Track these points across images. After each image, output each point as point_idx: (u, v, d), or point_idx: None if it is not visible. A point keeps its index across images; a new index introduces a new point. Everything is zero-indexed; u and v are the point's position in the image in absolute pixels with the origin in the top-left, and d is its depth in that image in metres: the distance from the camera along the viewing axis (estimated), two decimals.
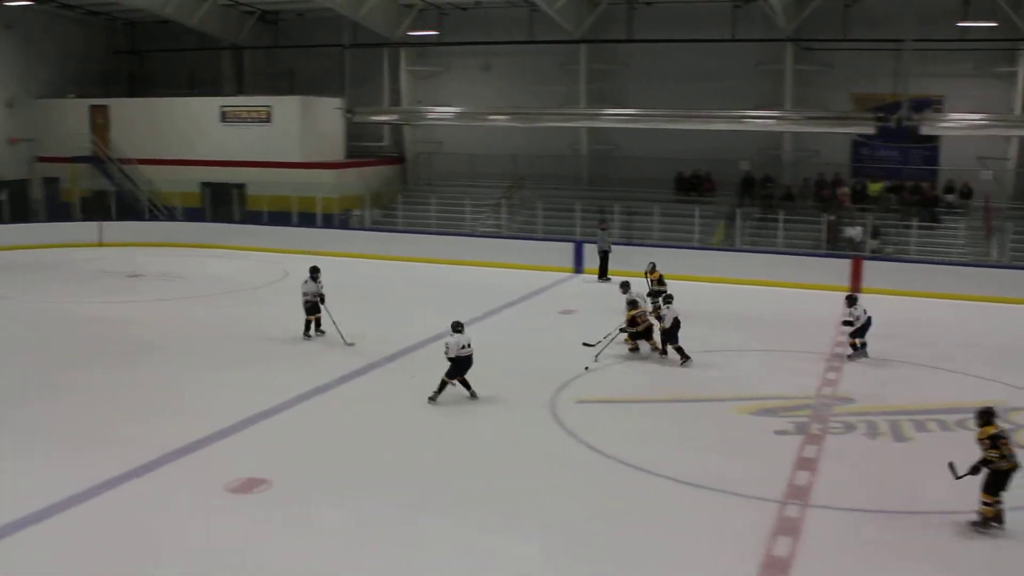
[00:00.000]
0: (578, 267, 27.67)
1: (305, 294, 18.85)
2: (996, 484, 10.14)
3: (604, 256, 26.71)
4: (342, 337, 18.28)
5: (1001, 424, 10.56)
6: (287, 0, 35.44)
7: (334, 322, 18.46)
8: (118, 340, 18.75)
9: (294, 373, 16.51)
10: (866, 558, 9.77)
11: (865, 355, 17.64)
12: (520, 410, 14.59)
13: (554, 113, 32.84)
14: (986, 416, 10.36)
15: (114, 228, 32.95)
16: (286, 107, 34.23)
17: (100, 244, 32.20)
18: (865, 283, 24.78)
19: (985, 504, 10.22)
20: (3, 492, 11.17)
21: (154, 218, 34.44)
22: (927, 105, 28.28)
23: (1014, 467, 10.14)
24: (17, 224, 33.30)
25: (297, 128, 34.00)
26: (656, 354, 17.54)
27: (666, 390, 15.54)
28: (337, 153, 35.36)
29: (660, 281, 21.14)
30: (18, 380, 16.23)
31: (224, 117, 34.79)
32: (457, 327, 14.89)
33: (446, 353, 14.70)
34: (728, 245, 28.40)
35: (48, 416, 14.23)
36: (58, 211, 35.43)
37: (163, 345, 18.43)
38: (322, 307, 18.74)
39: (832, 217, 28.04)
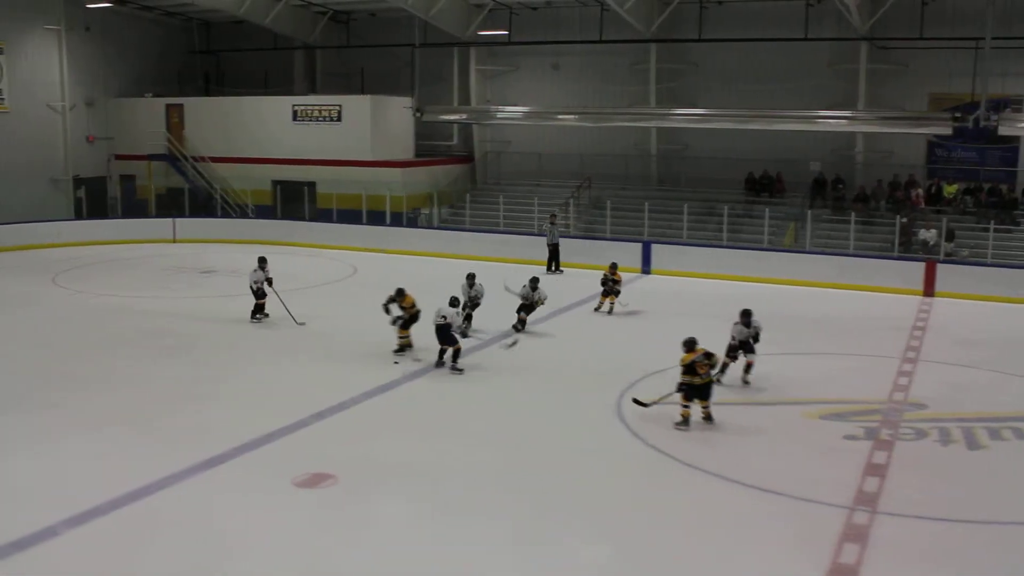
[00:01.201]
0: (646, 267, 27.55)
1: (255, 282, 20.11)
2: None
3: (554, 249, 28.00)
4: (292, 318, 19.92)
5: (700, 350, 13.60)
6: (359, 0, 35.77)
7: (283, 304, 20.15)
8: (189, 335, 19.09)
9: (361, 369, 16.68)
10: (935, 568, 9.61)
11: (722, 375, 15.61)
12: (585, 410, 14.58)
13: (623, 113, 32.76)
14: (689, 344, 13.79)
15: (187, 225, 33.58)
16: (357, 106, 34.56)
17: (174, 240, 32.82)
18: (939, 287, 24.37)
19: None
20: (73, 482, 11.47)
21: (226, 215, 35.00)
22: (1006, 105, 27.68)
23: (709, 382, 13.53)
24: (95, 220, 34.15)
25: (367, 127, 34.30)
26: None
27: (733, 392, 15.41)
28: (406, 152, 35.60)
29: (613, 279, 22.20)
30: (90, 372, 16.62)
31: (296, 116, 35.23)
32: (453, 303, 16.94)
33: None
34: (799, 247, 28.07)
35: (119, 408, 14.57)
36: (134, 208, 36.18)
37: (233, 341, 18.73)
38: (270, 291, 20.17)
39: (905, 219, 27.57)
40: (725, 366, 15.59)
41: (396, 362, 16.99)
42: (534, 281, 20.18)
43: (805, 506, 10.98)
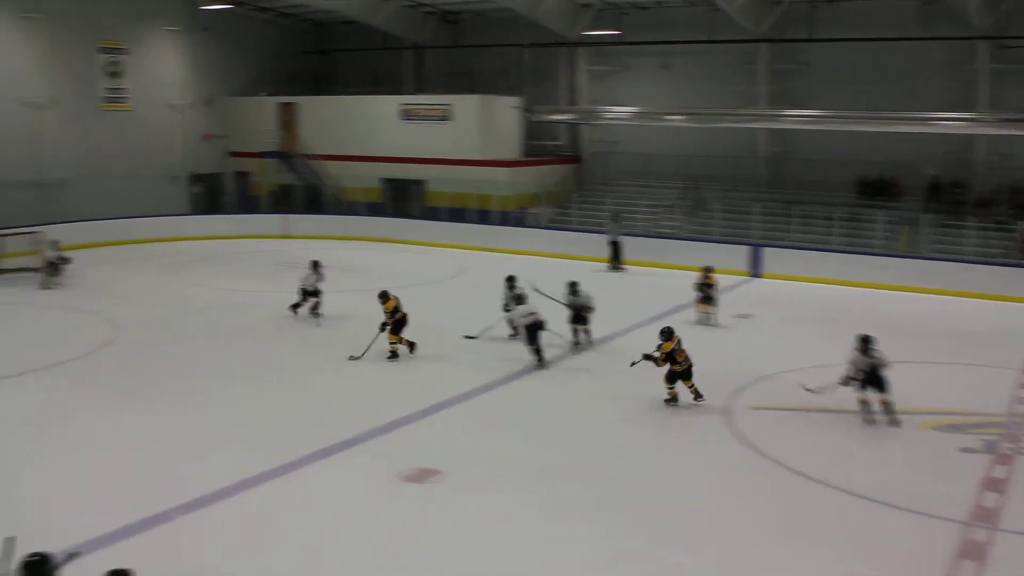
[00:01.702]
0: (755, 270, 27.18)
1: (307, 284, 20.46)
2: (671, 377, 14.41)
3: (616, 246, 28.16)
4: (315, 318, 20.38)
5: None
6: (467, 0, 36.04)
7: (315, 311, 20.53)
8: (301, 329, 19.46)
9: (468, 367, 16.83)
10: None
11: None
12: (693, 416, 14.45)
13: (732, 114, 32.37)
14: (666, 333, 14.57)
15: (299, 221, 34.26)
16: (465, 105, 34.81)
17: (285, 236, 33.50)
18: None
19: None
20: (188, 470, 11.85)
21: (337, 212, 35.58)
22: None
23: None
24: (211, 215, 35.10)
25: (475, 126, 34.54)
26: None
27: (845, 400, 15.11)
28: (514, 151, 35.74)
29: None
30: (206, 363, 17.11)
31: (405, 115, 35.65)
32: (521, 299, 17.08)
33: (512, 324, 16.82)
34: (914, 252, 27.35)
35: (233, 398, 15.02)
36: (248, 204, 37.10)
37: (343, 336, 19.03)
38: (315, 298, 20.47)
39: None
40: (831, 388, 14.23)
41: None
42: (573, 285, 18.57)
43: (919, 520, 10.71)
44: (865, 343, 13.81)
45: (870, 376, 13.70)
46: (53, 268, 24.41)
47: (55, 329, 20.16)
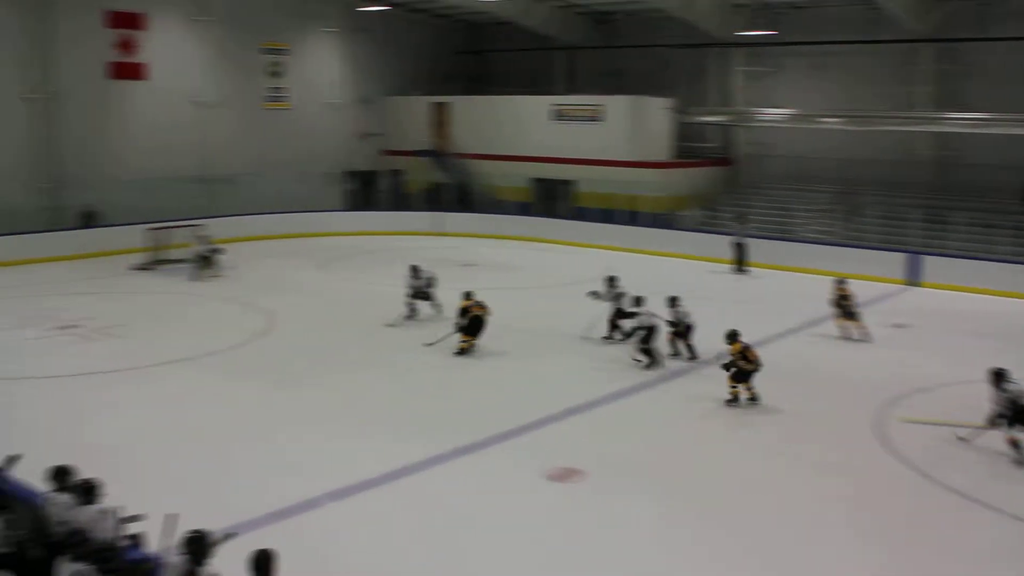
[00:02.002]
0: (913, 279, 26.23)
1: (411, 288, 20.38)
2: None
3: (740, 248, 27.59)
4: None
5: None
6: (620, 1, 35.91)
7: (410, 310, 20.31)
8: (443, 326, 19.66)
9: (615, 367, 16.77)
10: None
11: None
12: (844, 427, 14.06)
13: (890, 116, 31.33)
14: (731, 336, 14.82)
15: (449, 219, 34.72)
16: (616, 106, 34.71)
17: (436, 233, 33.99)
18: None
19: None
20: (337, 459, 12.19)
21: (486, 211, 35.95)
22: None
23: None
24: (364, 212, 35.94)
25: (626, 127, 34.40)
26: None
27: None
28: (664, 153, 35.46)
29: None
30: (356, 356, 17.55)
31: (556, 115, 35.76)
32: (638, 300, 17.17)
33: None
34: None
35: (381, 390, 15.41)
36: (400, 201, 37.84)
37: (494, 333, 19.17)
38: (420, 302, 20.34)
39: None
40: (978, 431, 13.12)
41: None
42: (674, 300, 17.62)
43: None
44: (998, 377, 12.62)
45: (1016, 413, 12.40)
46: (205, 261, 25.39)
47: (213, 320, 20.95)
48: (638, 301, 17.62)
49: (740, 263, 27.74)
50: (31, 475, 8.68)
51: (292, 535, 9.81)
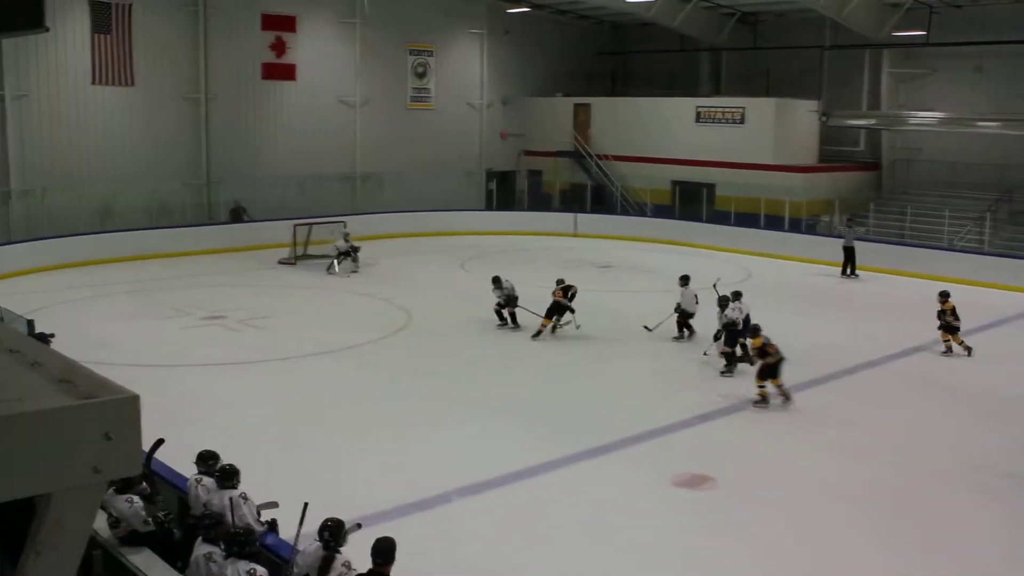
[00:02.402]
0: None
1: (501, 297, 19.73)
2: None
3: (849, 251, 26.60)
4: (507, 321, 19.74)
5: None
6: (768, 2, 35.23)
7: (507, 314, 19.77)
8: (586, 326, 19.58)
9: (745, 375, 16.45)
10: None
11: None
12: (990, 438, 13.49)
13: None
14: (754, 330, 14.93)
15: (588, 220, 34.69)
16: (760, 108, 34.09)
17: (574, 235, 34.00)
18: None
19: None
20: (469, 457, 12.32)
21: (625, 212, 35.78)
22: None
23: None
24: (503, 211, 36.21)
25: (770, 130, 33.75)
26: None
27: None
28: (809, 156, 34.67)
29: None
30: (491, 356, 17.68)
31: (698, 117, 35.34)
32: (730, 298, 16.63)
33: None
34: None
35: (515, 391, 15.50)
36: (539, 201, 37.99)
37: (625, 334, 19.12)
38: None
39: None
40: None
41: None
42: (724, 300, 17.21)
43: None
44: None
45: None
46: (345, 256, 25.98)
47: (353, 314, 21.41)
48: (736, 296, 17.39)
49: (849, 267, 26.75)
50: (174, 459, 8.99)
51: (420, 527, 9.93)
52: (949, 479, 12.05)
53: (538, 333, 18.64)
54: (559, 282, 19.29)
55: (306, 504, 7.60)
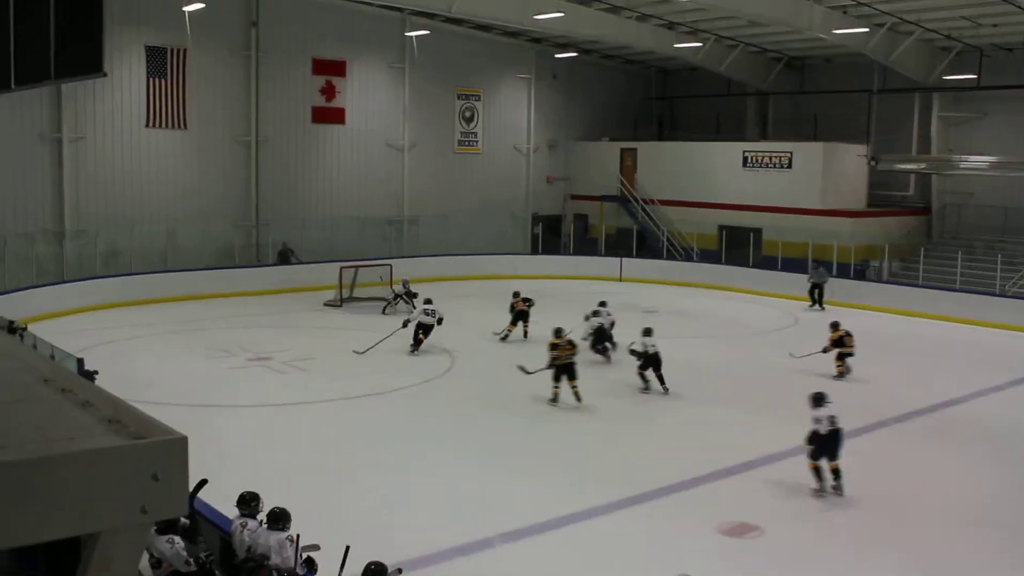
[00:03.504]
0: None
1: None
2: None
3: (816, 287, 28.78)
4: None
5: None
6: (815, 46, 35.15)
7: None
8: (630, 373, 19.48)
9: (793, 422, 16.24)
10: None
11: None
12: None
13: None
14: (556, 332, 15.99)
15: (634, 264, 34.59)
16: (808, 153, 33.94)
17: (620, 279, 33.90)
18: None
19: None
20: (511, 503, 12.20)
21: (672, 257, 35.66)
22: None
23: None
24: (548, 255, 36.17)
25: (818, 174, 33.57)
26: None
27: None
28: (858, 201, 34.42)
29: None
30: (531, 401, 17.55)
31: (745, 162, 35.24)
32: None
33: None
34: None
35: (559, 437, 15.34)
36: (585, 245, 37.98)
37: (671, 381, 18.94)
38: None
39: None
40: None
41: None
42: (648, 332, 18.44)
43: None
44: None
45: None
46: (398, 300, 26.19)
47: (397, 357, 21.40)
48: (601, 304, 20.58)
49: (817, 301, 28.52)
50: (218, 499, 9.02)
51: (462, 573, 9.87)
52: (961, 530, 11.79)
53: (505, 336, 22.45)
54: (515, 294, 23.39)
55: (347, 548, 7.61)
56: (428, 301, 22.03)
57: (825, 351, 19.30)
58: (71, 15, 6.88)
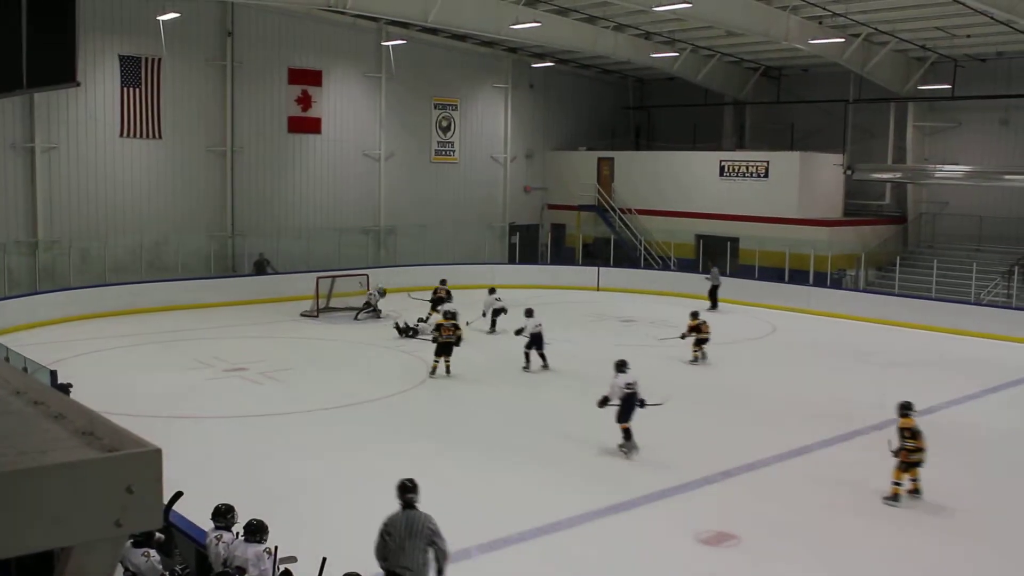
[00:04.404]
0: None
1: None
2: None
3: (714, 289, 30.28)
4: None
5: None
6: (792, 56, 35.34)
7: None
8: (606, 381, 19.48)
9: (773, 430, 16.27)
10: None
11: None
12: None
13: None
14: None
15: (611, 274, 34.61)
16: (784, 162, 34.10)
17: (598, 288, 33.92)
18: None
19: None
20: (490, 511, 12.18)
21: (649, 266, 35.71)
22: None
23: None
24: (525, 265, 36.18)
25: (794, 184, 33.71)
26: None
27: None
28: (834, 210, 34.60)
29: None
30: (514, 409, 17.51)
31: (722, 171, 35.36)
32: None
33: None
34: None
35: (540, 445, 15.28)
36: (562, 255, 37.99)
37: (645, 389, 18.91)
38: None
39: None
40: None
41: None
42: (530, 312, 21.28)
43: None
44: None
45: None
46: (368, 307, 26.68)
47: (374, 367, 21.34)
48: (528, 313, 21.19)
49: (713, 301, 29.81)
50: (194, 512, 8.91)
51: None
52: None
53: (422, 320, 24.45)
54: (442, 282, 26.07)
55: (324, 559, 7.53)
56: (492, 291, 25.86)
57: (683, 337, 21.97)
58: (43, 24, 6.79)
